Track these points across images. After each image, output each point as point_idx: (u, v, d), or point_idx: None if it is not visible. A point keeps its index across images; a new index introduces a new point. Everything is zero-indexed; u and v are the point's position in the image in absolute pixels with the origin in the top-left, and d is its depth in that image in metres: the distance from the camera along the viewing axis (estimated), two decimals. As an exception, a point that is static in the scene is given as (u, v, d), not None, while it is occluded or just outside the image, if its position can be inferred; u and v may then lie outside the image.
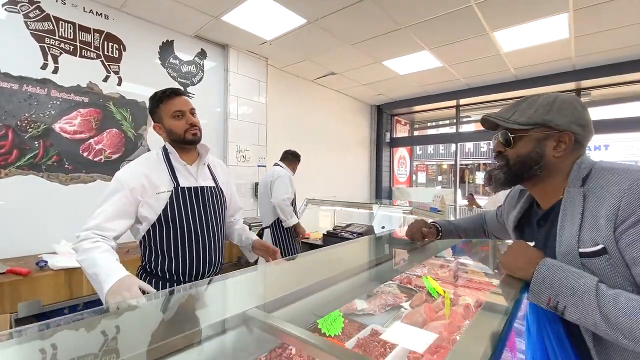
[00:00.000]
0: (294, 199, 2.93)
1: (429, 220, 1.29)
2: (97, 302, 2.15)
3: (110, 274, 1.00)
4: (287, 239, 2.77)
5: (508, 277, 0.75)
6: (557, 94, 0.77)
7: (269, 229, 2.78)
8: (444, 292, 1.56)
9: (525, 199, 0.90)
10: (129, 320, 0.61)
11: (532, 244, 0.80)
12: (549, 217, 0.78)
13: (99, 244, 1.09)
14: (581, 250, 0.67)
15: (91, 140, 2.53)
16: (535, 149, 0.76)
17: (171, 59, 3.04)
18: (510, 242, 1.23)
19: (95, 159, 2.56)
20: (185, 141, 1.27)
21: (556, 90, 4.12)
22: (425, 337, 1.09)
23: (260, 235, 2.85)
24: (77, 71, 2.45)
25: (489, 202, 3.37)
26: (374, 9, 2.65)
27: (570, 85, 4.25)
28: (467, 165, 16.59)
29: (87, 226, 1.13)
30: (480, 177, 16.55)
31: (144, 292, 0.98)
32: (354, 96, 5.43)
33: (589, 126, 0.75)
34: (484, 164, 16.82)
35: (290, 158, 3.05)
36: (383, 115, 5.97)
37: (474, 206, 4.33)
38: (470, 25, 2.90)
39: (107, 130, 2.62)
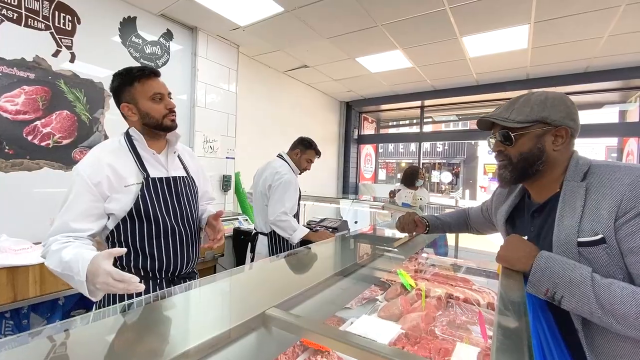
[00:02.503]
0: (298, 204, 2.26)
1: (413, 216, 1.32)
2: (46, 305, 1.94)
3: (78, 270, 0.87)
4: (291, 247, 2.20)
5: (506, 270, 0.79)
6: (546, 92, 0.82)
7: (265, 237, 2.21)
8: (416, 284, 1.62)
9: (517, 193, 0.95)
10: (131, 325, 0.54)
11: (525, 237, 0.85)
12: (545, 209, 0.83)
13: (69, 243, 0.97)
14: (580, 239, 0.71)
15: (37, 122, 2.24)
16: (536, 145, 0.80)
17: (133, 37, 2.78)
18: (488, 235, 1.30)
19: (42, 144, 2.27)
20: (163, 127, 1.16)
21: (510, 96, 4.47)
22: (390, 329, 1.14)
23: (252, 240, 2.32)
24: (22, 42, 2.14)
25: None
26: (353, 4, 2.65)
27: (523, 92, 4.63)
28: (424, 164, 17.46)
29: (53, 230, 1.00)
30: (435, 175, 17.55)
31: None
32: (324, 91, 5.42)
33: (577, 121, 0.81)
34: (439, 163, 17.84)
35: (295, 146, 2.30)
36: (352, 112, 6.04)
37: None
38: (442, 29, 3.02)
39: (57, 112, 2.33)
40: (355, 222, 3.22)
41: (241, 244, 3.02)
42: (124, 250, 0.88)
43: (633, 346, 0.68)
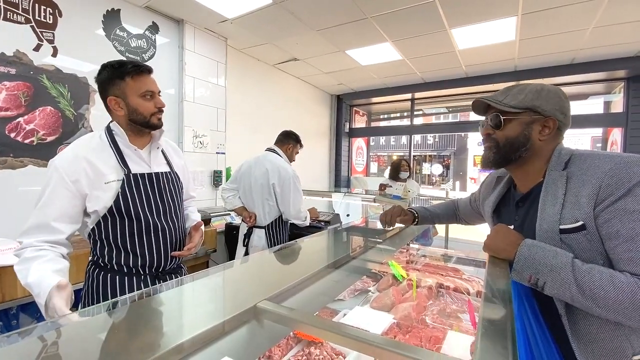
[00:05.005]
0: None
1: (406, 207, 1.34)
2: (35, 305, 1.90)
3: (39, 293, 0.89)
4: (287, 239, 2.34)
5: (493, 258, 0.81)
6: (543, 84, 0.84)
7: (263, 230, 2.26)
8: (407, 274, 1.65)
9: (504, 184, 0.97)
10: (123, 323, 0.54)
11: (511, 227, 0.87)
12: (529, 199, 0.86)
13: (43, 252, 0.96)
14: (562, 226, 0.74)
15: (20, 119, 2.18)
16: (523, 131, 0.82)
17: (118, 30, 2.71)
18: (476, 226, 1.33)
19: (26, 141, 2.21)
20: (149, 125, 1.14)
21: (499, 88, 4.54)
22: (382, 320, 1.17)
23: (248, 234, 2.32)
24: (1, 37, 2.07)
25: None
26: (342, -4, 2.63)
27: (511, 84, 4.68)
28: (414, 156, 17.56)
29: (29, 227, 0.98)
30: (426, 167, 17.71)
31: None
32: (315, 84, 5.39)
33: (568, 115, 0.83)
34: (430, 155, 18.00)
35: (286, 140, 2.39)
36: (343, 105, 6.03)
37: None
38: (431, 21, 3.02)
39: (40, 109, 2.27)
40: (348, 215, 3.25)
41: (233, 239, 3.01)
42: (70, 292, 0.91)
43: (613, 328, 0.71)
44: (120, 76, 1.10)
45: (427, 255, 2.05)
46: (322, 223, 2.56)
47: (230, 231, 3.06)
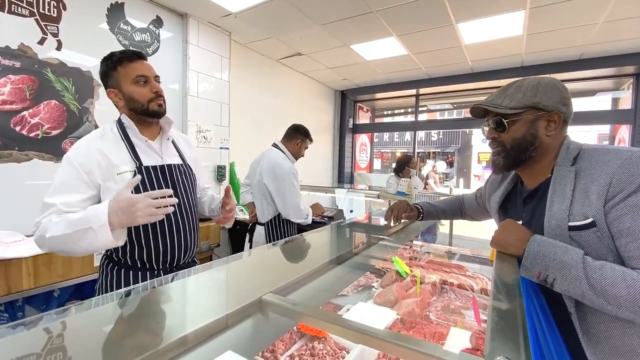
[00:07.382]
0: None
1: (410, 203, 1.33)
2: (40, 297, 1.92)
3: (97, 216, 0.90)
4: (288, 235, 2.27)
5: (501, 254, 0.80)
6: (538, 78, 0.82)
7: (263, 227, 2.24)
8: (411, 271, 1.65)
9: (510, 180, 0.96)
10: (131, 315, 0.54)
11: (519, 222, 0.85)
12: (536, 195, 0.84)
13: (68, 214, 0.96)
14: (571, 223, 0.72)
15: (25, 113, 2.18)
16: (529, 130, 0.80)
17: (122, 24, 2.70)
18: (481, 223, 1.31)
19: (31, 135, 2.21)
20: (149, 112, 1.12)
21: (505, 84, 4.48)
22: (386, 315, 1.16)
23: (251, 231, 2.34)
24: (6, 30, 2.07)
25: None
26: (348, -11, 2.59)
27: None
28: (418, 153, 17.48)
29: (45, 213, 0.98)
30: (430, 164, 17.61)
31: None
32: (319, 80, 5.36)
33: (570, 105, 0.81)
34: (433, 152, 17.89)
35: (293, 135, 2.29)
36: (347, 101, 5.99)
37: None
38: (437, 15, 2.98)
39: (45, 102, 2.28)
40: (351, 211, 3.24)
41: (237, 234, 3.02)
42: (138, 178, 0.97)
43: (624, 326, 0.69)
44: (113, 67, 1.09)
45: (431, 252, 2.04)
46: (326, 218, 2.56)
47: (234, 226, 3.05)
